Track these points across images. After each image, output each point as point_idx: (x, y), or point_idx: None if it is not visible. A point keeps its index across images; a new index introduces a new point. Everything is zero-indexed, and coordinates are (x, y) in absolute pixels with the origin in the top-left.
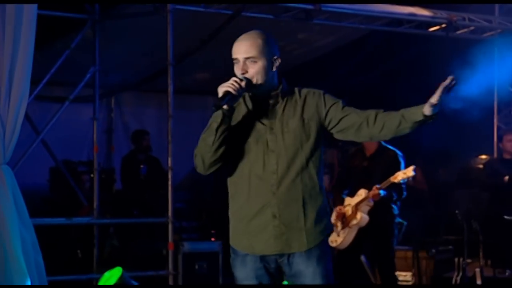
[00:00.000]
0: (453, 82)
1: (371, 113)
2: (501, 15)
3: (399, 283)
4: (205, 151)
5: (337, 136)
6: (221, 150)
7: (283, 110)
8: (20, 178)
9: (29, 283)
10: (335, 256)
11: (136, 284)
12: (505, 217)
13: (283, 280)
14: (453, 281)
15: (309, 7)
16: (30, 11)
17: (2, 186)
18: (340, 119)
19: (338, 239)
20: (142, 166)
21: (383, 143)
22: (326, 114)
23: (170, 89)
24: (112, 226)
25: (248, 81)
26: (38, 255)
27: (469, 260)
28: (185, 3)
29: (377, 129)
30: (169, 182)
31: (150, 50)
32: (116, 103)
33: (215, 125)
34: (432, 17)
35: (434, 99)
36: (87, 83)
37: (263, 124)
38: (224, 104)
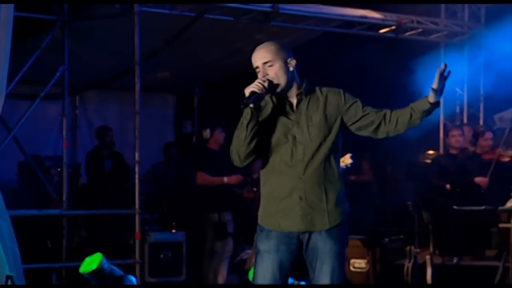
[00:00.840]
0: (447, 70)
1: (387, 111)
2: (446, 18)
3: (354, 270)
4: (239, 145)
5: (356, 132)
6: (253, 144)
7: (307, 106)
8: None
9: (7, 270)
10: None
11: (115, 268)
12: (454, 207)
13: (299, 256)
14: (405, 268)
15: (268, 9)
16: (7, 12)
17: None
18: (360, 118)
19: None
20: (106, 160)
21: None
22: (347, 111)
23: (137, 87)
24: (80, 217)
25: (270, 81)
26: (14, 244)
27: (418, 250)
28: (151, 3)
29: (392, 125)
30: (136, 176)
31: (114, 50)
32: (81, 101)
33: (245, 122)
34: (382, 20)
35: (434, 85)
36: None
37: (290, 119)
38: (251, 103)
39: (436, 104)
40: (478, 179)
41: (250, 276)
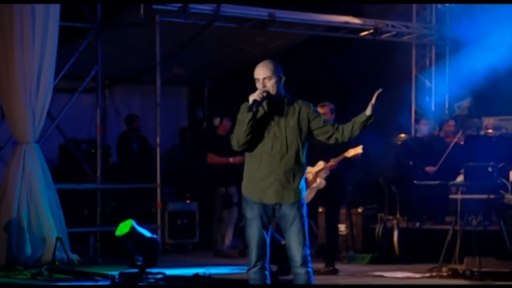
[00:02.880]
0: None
1: (339, 125)
2: (417, 22)
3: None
4: (240, 136)
5: (315, 136)
6: (249, 136)
7: (287, 112)
8: None
9: (56, 233)
10: None
11: (144, 231)
12: (415, 182)
13: (271, 222)
14: (376, 231)
15: (266, 17)
16: (54, 23)
17: (33, 159)
18: (320, 128)
19: None
20: (134, 143)
21: None
22: (313, 121)
23: (158, 83)
24: (111, 190)
25: (267, 92)
26: (60, 212)
27: (387, 216)
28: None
29: (340, 134)
30: (158, 156)
31: (138, 52)
32: (110, 94)
33: (247, 120)
34: (362, 25)
35: (372, 101)
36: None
37: (273, 120)
38: (254, 108)
39: (370, 117)
40: (427, 168)
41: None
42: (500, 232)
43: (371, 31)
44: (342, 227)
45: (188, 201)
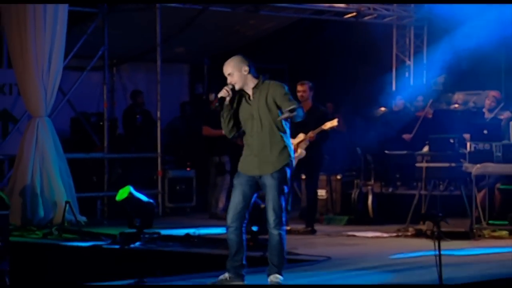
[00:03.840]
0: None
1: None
2: (398, 6)
3: (318, 197)
4: (224, 126)
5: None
6: (231, 124)
7: (259, 94)
8: None
9: (65, 197)
10: None
11: (142, 196)
12: (386, 151)
13: (257, 189)
14: (352, 196)
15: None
16: (63, 10)
17: (46, 131)
18: (280, 105)
19: None
20: (138, 116)
21: (315, 103)
22: (276, 99)
23: (159, 62)
24: (117, 159)
25: (233, 86)
26: (70, 179)
27: (363, 182)
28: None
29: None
30: (158, 129)
31: (141, 33)
32: (117, 71)
33: (222, 113)
34: (345, 8)
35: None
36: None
37: (249, 104)
38: (221, 103)
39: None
40: (404, 136)
41: None
42: (461, 196)
43: (354, 14)
44: (322, 192)
45: (188, 169)
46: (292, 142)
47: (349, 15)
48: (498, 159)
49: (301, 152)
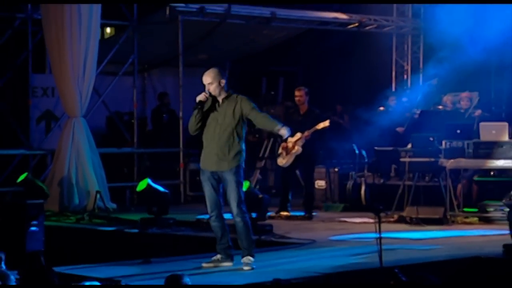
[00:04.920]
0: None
1: (258, 115)
2: (397, 16)
3: (318, 187)
4: (192, 124)
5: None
6: (199, 125)
7: (227, 105)
8: (87, 123)
9: (97, 187)
10: (283, 170)
11: (160, 187)
12: (375, 148)
13: (219, 183)
14: (347, 186)
15: (268, 15)
16: (96, 23)
17: (81, 130)
18: (248, 115)
19: (283, 161)
20: (164, 115)
21: (310, 106)
22: (243, 111)
23: (181, 68)
24: (145, 153)
25: (210, 93)
26: (102, 171)
27: (357, 174)
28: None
29: (256, 122)
30: (181, 127)
31: (168, 42)
32: (148, 75)
33: (195, 113)
34: (348, 19)
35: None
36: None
37: (217, 111)
38: (199, 105)
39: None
40: (398, 128)
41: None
42: (439, 187)
43: (356, 24)
44: (322, 183)
45: None
46: (290, 140)
47: (352, 26)
48: (469, 155)
49: (298, 149)
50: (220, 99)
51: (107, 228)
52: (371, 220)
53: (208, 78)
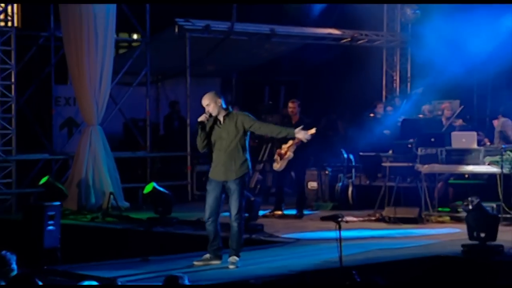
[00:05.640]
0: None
1: (259, 125)
2: (387, 31)
3: (310, 188)
4: (199, 143)
5: (254, 132)
6: (205, 142)
7: (229, 121)
8: (106, 129)
9: (111, 188)
10: (278, 173)
11: (164, 190)
12: (360, 153)
13: (223, 191)
14: (335, 187)
15: (268, 32)
16: (111, 39)
17: (97, 137)
18: (250, 126)
19: (278, 165)
20: (175, 121)
21: (301, 116)
22: (245, 124)
23: (188, 80)
24: (157, 156)
25: (210, 114)
26: (116, 173)
27: (346, 176)
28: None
29: (260, 130)
30: (188, 133)
31: (177, 56)
32: (161, 85)
33: (200, 133)
34: (341, 34)
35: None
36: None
37: (220, 128)
38: (200, 126)
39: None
40: (385, 131)
41: None
42: (417, 188)
43: (349, 39)
44: (314, 184)
45: None
46: (284, 147)
47: (345, 40)
48: (442, 160)
49: (290, 154)
50: (221, 117)
51: (117, 226)
52: (355, 219)
53: (206, 101)
